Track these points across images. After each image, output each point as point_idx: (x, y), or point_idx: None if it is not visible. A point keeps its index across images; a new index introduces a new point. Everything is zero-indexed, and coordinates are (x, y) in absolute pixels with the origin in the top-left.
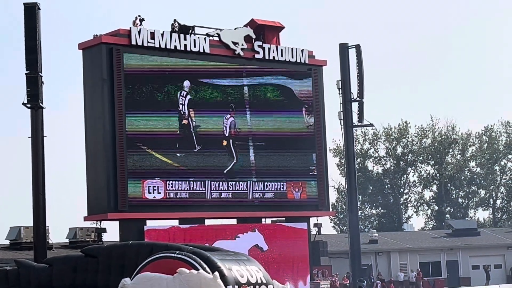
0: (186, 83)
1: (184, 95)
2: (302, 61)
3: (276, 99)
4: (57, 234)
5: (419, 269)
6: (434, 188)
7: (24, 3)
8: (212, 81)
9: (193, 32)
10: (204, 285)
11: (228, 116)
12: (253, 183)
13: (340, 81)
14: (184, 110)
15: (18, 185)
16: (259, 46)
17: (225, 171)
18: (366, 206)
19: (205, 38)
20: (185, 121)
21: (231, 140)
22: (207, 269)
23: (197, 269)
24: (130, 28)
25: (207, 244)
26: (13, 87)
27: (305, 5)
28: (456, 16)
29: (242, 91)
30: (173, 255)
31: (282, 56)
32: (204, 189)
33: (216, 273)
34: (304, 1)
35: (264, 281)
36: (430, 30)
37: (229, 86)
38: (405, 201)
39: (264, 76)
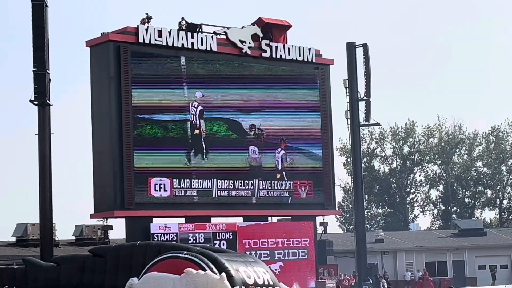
0: (198, 94)
1: (196, 106)
2: (309, 60)
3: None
4: (64, 231)
5: (425, 269)
6: (441, 187)
7: (32, 1)
8: (152, 117)
9: (200, 30)
10: (211, 285)
11: (279, 149)
12: (259, 181)
13: (347, 80)
14: (196, 120)
15: (25, 182)
16: (266, 44)
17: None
18: (373, 205)
19: (212, 37)
20: (196, 131)
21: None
22: (214, 269)
23: (204, 270)
24: (138, 26)
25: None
26: (20, 84)
27: (312, 4)
28: (464, 15)
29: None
30: (180, 255)
31: (289, 55)
32: (210, 187)
33: (223, 273)
34: (311, 0)
35: (271, 283)
36: (437, 30)
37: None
38: (412, 200)
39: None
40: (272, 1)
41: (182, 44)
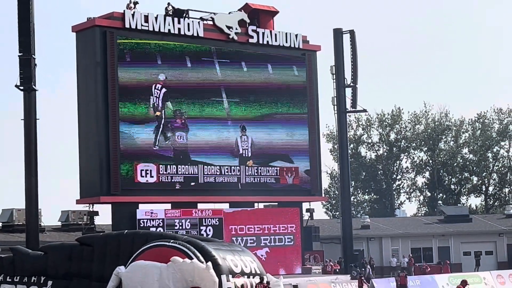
0: (162, 76)
1: (159, 88)
2: (296, 46)
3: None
4: (50, 217)
5: (410, 255)
6: (427, 174)
7: None
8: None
9: (187, 15)
10: (197, 274)
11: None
12: (246, 167)
13: (334, 67)
14: (158, 102)
15: (11, 168)
16: (253, 30)
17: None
18: (359, 191)
19: (199, 22)
20: (158, 113)
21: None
22: (201, 258)
23: (191, 258)
24: (124, 11)
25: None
26: (5, 69)
27: None
28: (451, 3)
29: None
30: (167, 243)
31: (276, 41)
32: (197, 173)
33: (209, 263)
34: None
35: (258, 272)
36: (424, 17)
37: None
38: (398, 187)
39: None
40: None
41: (169, 30)
